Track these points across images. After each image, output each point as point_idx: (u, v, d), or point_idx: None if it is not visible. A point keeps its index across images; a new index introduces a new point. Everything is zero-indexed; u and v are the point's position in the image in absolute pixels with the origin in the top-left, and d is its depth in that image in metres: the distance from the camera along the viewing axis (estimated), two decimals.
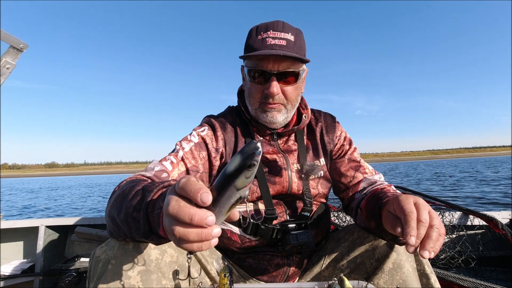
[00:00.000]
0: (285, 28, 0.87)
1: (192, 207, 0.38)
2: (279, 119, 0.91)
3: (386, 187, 0.88)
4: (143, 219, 0.52)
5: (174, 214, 0.39)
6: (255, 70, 0.86)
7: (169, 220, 0.40)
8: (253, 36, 0.88)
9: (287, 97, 0.89)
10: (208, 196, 0.37)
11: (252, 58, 0.86)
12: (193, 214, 0.37)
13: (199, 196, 0.37)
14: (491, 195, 7.02)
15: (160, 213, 0.48)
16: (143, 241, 0.58)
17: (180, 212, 0.38)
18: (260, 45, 0.85)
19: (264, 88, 0.87)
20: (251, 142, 0.36)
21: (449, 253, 1.64)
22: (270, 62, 0.84)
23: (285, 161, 0.93)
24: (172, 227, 0.39)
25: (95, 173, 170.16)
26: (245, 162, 0.35)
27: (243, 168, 0.35)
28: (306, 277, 0.92)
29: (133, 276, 0.63)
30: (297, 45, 0.87)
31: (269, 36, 0.85)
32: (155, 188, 0.54)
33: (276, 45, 0.84)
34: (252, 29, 0.90)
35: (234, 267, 0.91)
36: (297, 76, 0.88)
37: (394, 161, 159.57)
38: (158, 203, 0.51)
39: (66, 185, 26.28)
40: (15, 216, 7.63)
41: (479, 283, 1.21)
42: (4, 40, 1.02)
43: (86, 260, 1.89)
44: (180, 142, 0.90)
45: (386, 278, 0.77)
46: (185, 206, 0.38)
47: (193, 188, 0.38)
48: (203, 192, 0.37)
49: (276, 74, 0.85)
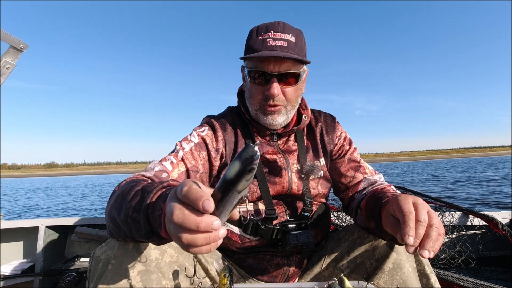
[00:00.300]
0: (286, 29, 0.86)
1: (197, 215, 0.39)
2: (279, 121, 0.91)
3: (386, 187, 0.88)
4: (144, 220, 0.52)
5: (179, 222, 0.39)
6: (256, 71, 0.86)
7: (175, 228, 0.41)
8: (254, 37, 0.87)
9: (287, 98, 0.89)
10: (210, 204, 0.38)
11: (253, 59, 0.86)
12: (199, 222, 0.38)
13: (201, 205, 0.38)
14: (490, 195, 7.03)
15: (161, 214, 0.48)
16: (144, 241, 0.58)
17: (186, 221, 0.39)
18: (260, 46, 0.85)
19: (265, 89, 0.87)
20: (249, 146, 0.36)
21: (449, 253, 1.64)
22: (271, 63, 0.84)
23: (285, 161, 0.93)
24: (179, 235, 0.40)
25: (95, 173, 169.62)
26: (245, 168, 0.36)
27: (243, 173, 0.36)
28: (306, 277, 0.92)
29: (133, 276, 0.63)
30: (298, 46, 0.87)
31: (270, 37, 0.85)
32: (154, 188, 0.54)
33: (277, 46, 0.84)
34: (253, 29, 0.90)
35: (234, 267, 0.91)
36: (298, 77, 0.88)
37: (394, 161, 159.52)
38: (158, 204, 0.51)
39: (65, 185, 26.28)
40: (14, 217, 7.63)
41: (479, 283, 1.21)
42: (4, 40, 1.02)
43: (86, 260, 1.89)
44: (180, 142, 0.90)
45: (386, 278, 0.77)
46: (190, 215, 0.39)
47: (195, 196, 0.39)
48: (204, 200, 0.38)
49: (276, 75, 0.84)
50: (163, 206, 0.49)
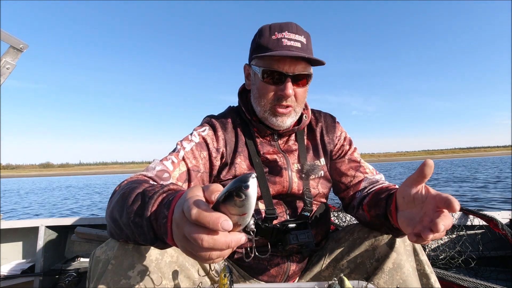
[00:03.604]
0: (299, 30, 0.87)
1: (221, 235, 0.38)
2: (288, 123, 0.91)
3: (390, 185, 0.88)
4: (147, 227, 0.52)
5: (210, 246, 0.38)
6: (271, 71, 0.85)
7: (202, 251, 0.40)
8: (266, 35, 0.86)
9: (297, 99, 0.89)
10: (229, 223, 0.37)
11: (266, 58, 0.85)
12: (230, 242, 0.38)
13: (220, 226, 0.37)
14: (490, 196, 7.03)
15: (166, 222, 0.48)
16: (146, 245, 0.58)
17: (217, 244, 0.38)
18: (275, 45, 0.84)
19: (278, 89, 0.86)
20: (246, 174, 0.36)
21: (449, 253, 1.64)
22: (286, 64, 0.83)
23: (285, 161, 0.93)
24: (209, 255, 0.40)
25: (91, 173, 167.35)
26: (233, 189, 0.36)
27: (231, 195, 0.36)
28: (306, 277, 0.92)
29: (133, 276, 0.63)
30: (309, 48, 0.88)
31: (285, 37, 0.84)
32: (155, 194, 0.54)
33: (292, 47, 0.84)
34: (264, 28, 0.89)
35: (234, 267, 0.91)
36: (309, 79, 0.89)
37: (390, 161, 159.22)
38: (162, 211, 0.50)
39: (62, 185, 26.25)
40: (14, 217, 7.63)
41: (479, 283, 1.21)
42: (4, 40, 1.02)
43: (86, 260, 1.89)
44: (181, 142, 0.90)
45: (386, 278, 0.77)
46: (218, 238, 0.38)
47: (210, 219, 0.37)
48: (223, 221, 0.37)
49: (291, 76, 0.84)
50: (167, 214, 0.48)
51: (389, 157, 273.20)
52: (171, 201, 0.50)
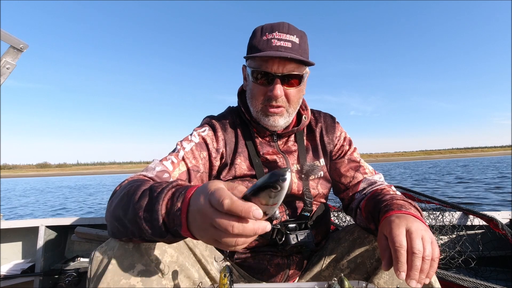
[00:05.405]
0: (290, 30, 0.86)
1: (250, 223, 0.42)
2: (281, 123, 0.90)
3: (386, 187, 0.88)
4: (157, 220, 0.52)
5: (240, 233, 0.42)
6: (259, 71, 0.85)
7: (230, 237, 0.43)
8: (258, 36, 0.87)
9: (289, 100, 0.88)
10: (260, 212, 0.40)
11: (257, 58, 0.85)
12: (257, 228, 0.42)
13: (252, 215, 0.40)
14: (489, 195, 7.03)
15: (180, 214, 0.49)
16: (153, 240, 0.58)
17: (246, 231, 0.42)
18: (265, 46, 0.84)
19: (268, 90, 0.86)
20: (284, 168, 0.39)
21: (449, 253, 1.64)
22: (275, 64, 0.83)
23: (285, 162, 0.93)
24: (236, 241, 0.43)
25: (88, 173, 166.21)
26: (270, 181, 0.39)
27: (268, 186, 0.39)
28: (306, 277, 0.92)
29: (133, 276, 0.63)
30: (302, 48, 0.86)
31: (275, 37, 0.84)
32: (165, 188, 0.54)
33: (282, 47, 0.83)
34: (257, 29, 0.89)
35: (234, 267, 0.91)
36: (301, 79, 0.87)
37: (388, 161, 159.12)
38: (175, 204, 0.51)
39: (58, 185, 26.20)
40: (13, 217, 7.62)
41: (479, 283, 1.21)
42: (4, 40, 1.02)
43: (86, 260, 1.88)
44: (180, 142, 0.90)
45: (386, 278, 0.77)
46: (247, 226, 0.42)
47: (243, 208, 0.40)
48: (254, 210, 0.40)
49: (280, 76, 0.84)
50: (181, 206, 0.50)
51: (387, 157, 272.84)
52: (184, 194, 0.51)
